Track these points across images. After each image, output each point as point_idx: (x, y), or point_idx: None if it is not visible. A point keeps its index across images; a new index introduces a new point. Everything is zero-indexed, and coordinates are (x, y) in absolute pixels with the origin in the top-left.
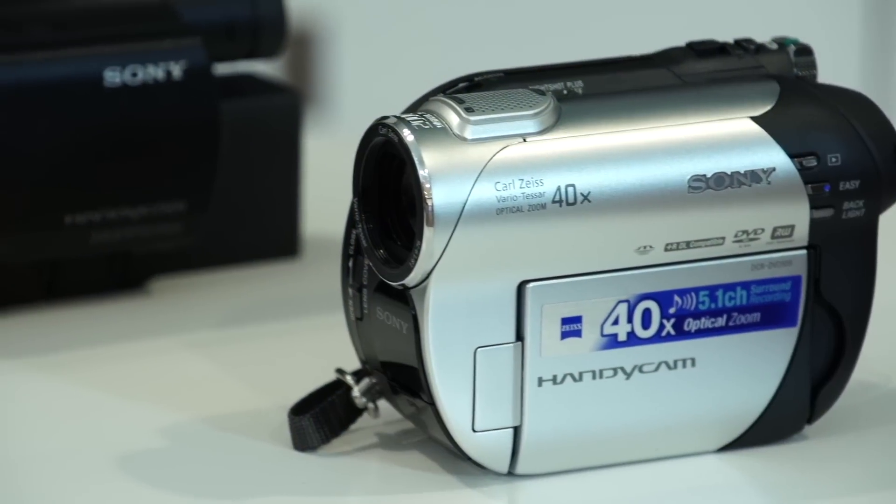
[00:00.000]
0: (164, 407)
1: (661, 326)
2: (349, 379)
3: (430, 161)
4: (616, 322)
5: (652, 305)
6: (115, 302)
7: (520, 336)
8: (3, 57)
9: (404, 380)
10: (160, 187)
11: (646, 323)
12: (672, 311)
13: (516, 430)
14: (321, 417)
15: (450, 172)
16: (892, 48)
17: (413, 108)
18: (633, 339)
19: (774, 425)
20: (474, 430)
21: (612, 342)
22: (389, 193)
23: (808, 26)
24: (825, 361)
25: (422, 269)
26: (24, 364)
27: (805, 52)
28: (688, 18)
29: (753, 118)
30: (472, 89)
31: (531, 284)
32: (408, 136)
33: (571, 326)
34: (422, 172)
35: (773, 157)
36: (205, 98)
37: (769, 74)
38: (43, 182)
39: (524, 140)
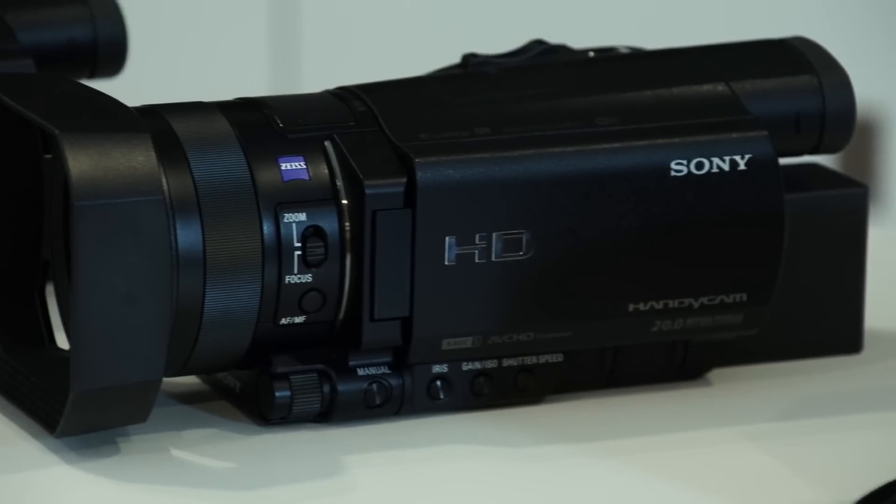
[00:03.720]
0: (722, 497)
1: None
2: None
3: None
4: None
5: None
6: (674, 390)
7: None
8: (574, 147)
9: None
10: (722, 278)
11: None
12: None
13: None
14: None
15: None
16: None
17: None
18: None
19: None
20: None
21: None
22: None
23: None
24: None
25: None
26: (584, 449)
27: None
28: None
29: None
30: None
31: None
32: None
33: None
34: None
35: None
36: (769, 190)
37: None
38: (610, 270)
39: None
